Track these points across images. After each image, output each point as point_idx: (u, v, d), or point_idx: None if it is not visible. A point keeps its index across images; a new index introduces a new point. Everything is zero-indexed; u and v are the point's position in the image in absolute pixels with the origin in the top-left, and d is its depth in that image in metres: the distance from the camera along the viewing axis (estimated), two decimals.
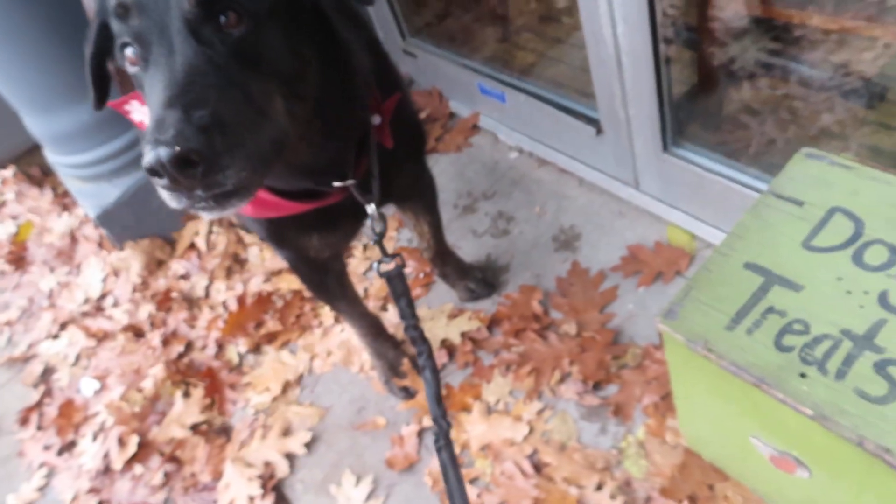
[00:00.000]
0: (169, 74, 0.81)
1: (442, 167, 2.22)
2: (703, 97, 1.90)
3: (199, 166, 0.77)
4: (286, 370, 1.87)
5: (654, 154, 1.69)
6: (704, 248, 1.72)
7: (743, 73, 1.92)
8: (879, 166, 1.08)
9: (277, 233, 1.30)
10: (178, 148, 0.75)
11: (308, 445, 1.71)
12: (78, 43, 1.84)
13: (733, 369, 0.95)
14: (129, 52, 0.89)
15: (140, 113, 1.14)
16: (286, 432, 1.74)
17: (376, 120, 1.15)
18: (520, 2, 2.52)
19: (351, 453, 1.66)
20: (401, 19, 2.36)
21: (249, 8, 0.87)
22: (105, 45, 0.98)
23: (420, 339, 1.17)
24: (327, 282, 1.52)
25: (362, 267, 2.03)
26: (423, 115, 2.38)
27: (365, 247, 2.08)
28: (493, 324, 1.76)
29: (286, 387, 1.84)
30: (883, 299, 0.94)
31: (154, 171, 0.76)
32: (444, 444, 1.11)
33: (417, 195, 1.57)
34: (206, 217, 0.88)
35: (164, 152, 0.75)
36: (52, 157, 2.26)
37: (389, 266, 1.19)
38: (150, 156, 0.75)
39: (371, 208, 1.17)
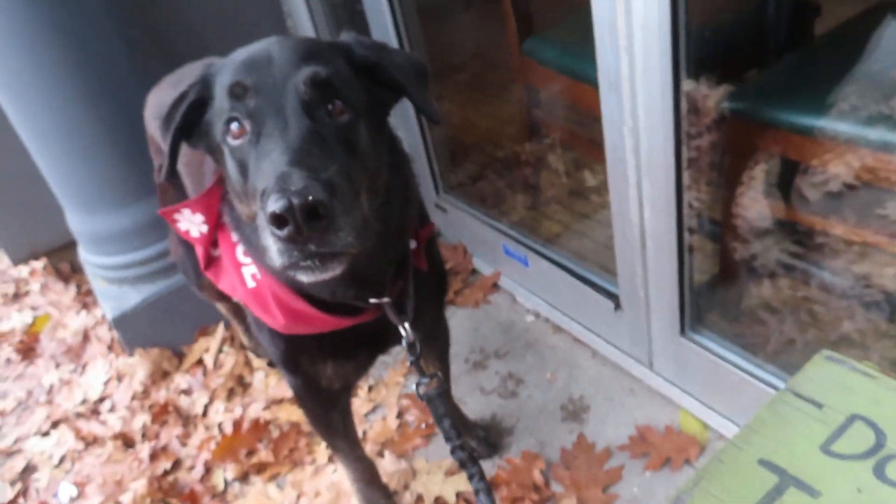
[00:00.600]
0: (287, 143, 0.89)
1: (458, 320, 2.23)
2: (724, 288, 1.93)
3: (323, 220, 0.83)
4: None
5: (670, 336, 1.69)
6: (716, 440, 1.67)
7: (764, 271, 1.96)
8: None
9: (294, 355, 1.29)
10: (311, 198, 0.81)
11: None
12: (130, 150, 1.98)
13: None
14: (234, 126, 0.96)
15: (188, 222, 1.19)
16: None
17: (412, 244, 1.21)
18: (551, 175, 2.66)
19: None
20: (437, 175, 2.48)
21: (353, 101, 0.98)
22: (187, 124, 1.05)
23: (470, 460, 1.15)
24: (331, 417, 1.48)
25: (365, 408, 1.98)
26: (446, 267, 2.44)
27: (370, 388, 2.05)
28: (491, 487, 1.68)
29: None
30: None
31: (280, 219, 0.81)
32: None
33: (432, 340, 1.57)
34: (306, 278, 0.92)
35: (297, 199, 0.80)
36: (84, 254, 2.32)
37: (429, 387, 1.19)
38: (280, 202, 0.80)
39: (407, 328, 1.19)
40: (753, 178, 1.97)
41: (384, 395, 2.01)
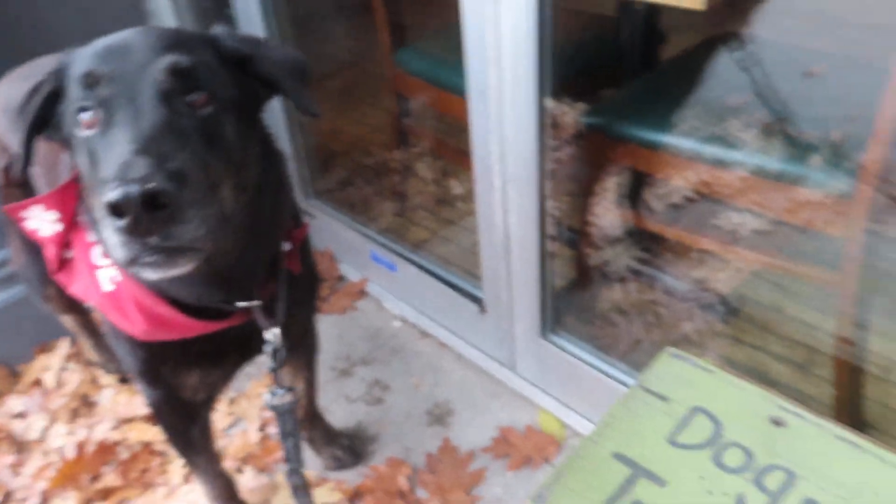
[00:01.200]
0: (137, 131, 0.83)
1: (323, 328, 2.18)
2: (580, 292, 2.03)
3: (165, 209, 0.77)
4: None
5: (531, 339, 1.75)
6: (573, 437, 1.75)
7: (615, 276, 2.09)
8: (735, 373, 1.17)
9: (155, 365, 1.19)
10: (150, 185, 0.75)
11: None
12: None
13: None
14: (85, 115, 0.89)
15: (38, 220, 1.09)
16: None
17: (286, 246, 1.15)
18: (419, 182, 2.68)
19: None
20: (306, 181, 2.43)
21: (218, 93, 0.93)
22: (42, 118, 0.98)
23: (303, 489, 1.12)
24: (192, 432, 1.39)
25: (225, 422, 1.89)
26: None
27: (231, 400, 1.95)
28: (355, 497, 1.66)
29: None
30: (741, 502, 0.98)
31: (117, 209, 0.75)
32: None
33: (301, 347, 1.52)
34: (149, 275, 0.84)
35: (134, 188, 0.74)
36: None
37: (283, 399, 1.15)
38: (117, 191, 0.74)
39: (275, 332, 1.14)
40: (606, 190, 2.09)
41: (245, 408, 1.92)
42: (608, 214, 2.10)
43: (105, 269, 1.08)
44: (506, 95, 1.42)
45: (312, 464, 1.75)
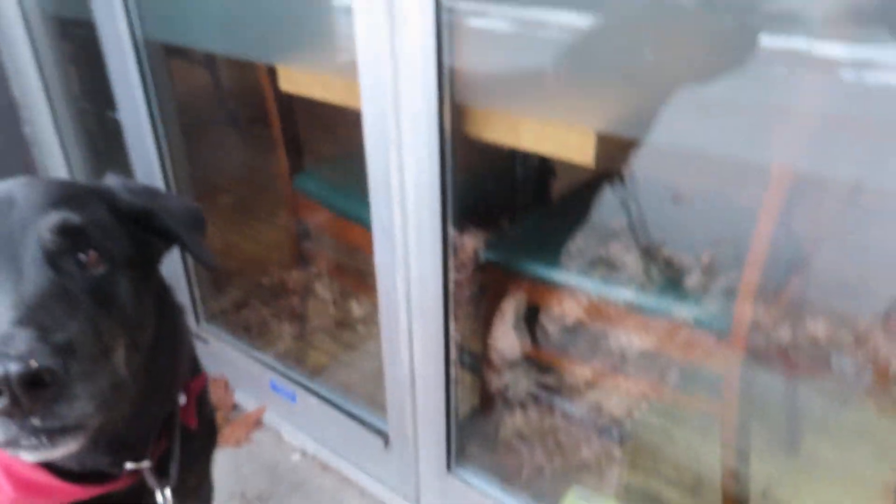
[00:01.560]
0: (18, 298, 0.76)
1: (217, 462, 2.05)
2: (484, 419, 2.05)
3: (50, 388, 0.70)
4: None
5: (436, 474, 1.73)
6: None
7: (516, 401, 2.13)
8: None
9: None
10: (31, 363, 0.69)
11: None
12: None
13: None
14: None
15: None
16: None
17: (182, 399, 1.09)
18: (319, 304, 2.66)
19: None
20: (198, 303, 2.36)
21: (111, 251, 0.88)
22: None
23: None
24: None
25: None
26: None
27: None
28: None
29: None
30: None
31: None
32: None
33: (195, 498, 1.43)
34: (29, 458, 0.75)
35: (14, 366, 0.68)
36: None
37: None
38: None
39: (167, 495, 1.06)
40: (505, 315, 2.17)
41: None
42: (507, 338, 2.17)
43: None
44: (410, 234, 1.48)
45: None
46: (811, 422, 1.97)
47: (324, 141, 2.71)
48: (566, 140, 1.41)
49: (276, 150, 2.33)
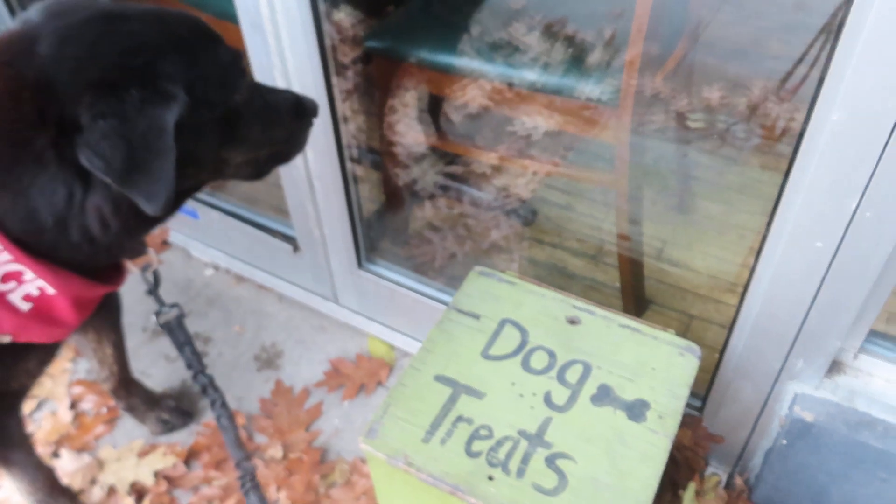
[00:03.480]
0: None
1: (126, 286, 2.03)
2: (391, 215, 2.06)
3: None
4: None
5: (349, 270, 1.76)
6: (402, 357, 1.82)
7: (424, 194, 2.14)
8: (535, 281, 1.27)
9: None
10: None
11: None
12: None
13: (431, 480, 1.00)
14: None
15: None
16: None
17: None
18: None
19: None
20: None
21: None
22: None
23: (211, 386, 1.19)
24: (8, 425, 1.27)
25: (28, 406, 1.73)
26: None
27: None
28: (191, 457, 1.62)
29: None
30: (548, 399, 1.09)
31: None
32: (252, 485, 1.17)
33: (104, 309, 1.41)
34: None
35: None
36: None
37: (170, 315, 1.21)
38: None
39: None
40: (406, 106, 2.10)
41: (51, 388, 1.77)
42: (410, 132, 2.12)
43: (13, 292, 0.96)
44: (281, 24, 1.34)
45: (139, 432, 1.67)
46: (701, 183, 2.08)
47: None
48: None
49: None
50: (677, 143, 2.00)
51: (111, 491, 1.56)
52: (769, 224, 1.13)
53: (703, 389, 1.42)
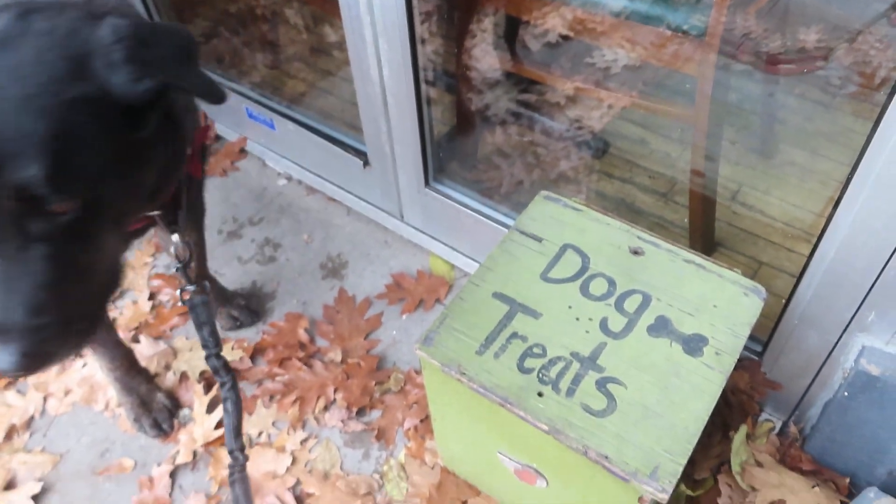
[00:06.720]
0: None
1: (206, 191, 2.12)
2: (462, 138, 2.06)
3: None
4: (11, 413, 1.63)
5: (416, 189, 1.78)
6: (461, 277, 1.85)
7: (496, 120, 2.13)
8: (602, 210, 1.26)
9: None
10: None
11: (36, 498, 1.50)
12: None
13: (482, 391, 1.04)
14: None
15: None
16: (9, 485, 1.52)
17: (188, 151, 1.14)
18: (291, 31, 2.53)
19: (90, 502, 1.50)
20: None
21: (91, 170, 0.83)
22: None
23: (224, 369, 1.17)
24: None
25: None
26: None
27: None
28: (256, 353, 1.72)
29: (11, 432, 1.61)
30: (604, 325, 1.10)
31: None
32: (239, 477, 1.15)
33: (189, 211, 1.49)
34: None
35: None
36: None
37: (193, 294, 1.19)
38: None
39: (176, 238, 1.17)
40: (483, 31, 2.06)
41: (132, 279, 1.89)
42: (486, 57, 2.09)
43: None
44: None
45: None
46: (787, 128, 1.98)
47: None
48: None
49: None
50: (764, 83, 1.91)
51: (183, 377, 1.68)
52: (854, 169, 1.08)
53: (765, 335, 1.40)
